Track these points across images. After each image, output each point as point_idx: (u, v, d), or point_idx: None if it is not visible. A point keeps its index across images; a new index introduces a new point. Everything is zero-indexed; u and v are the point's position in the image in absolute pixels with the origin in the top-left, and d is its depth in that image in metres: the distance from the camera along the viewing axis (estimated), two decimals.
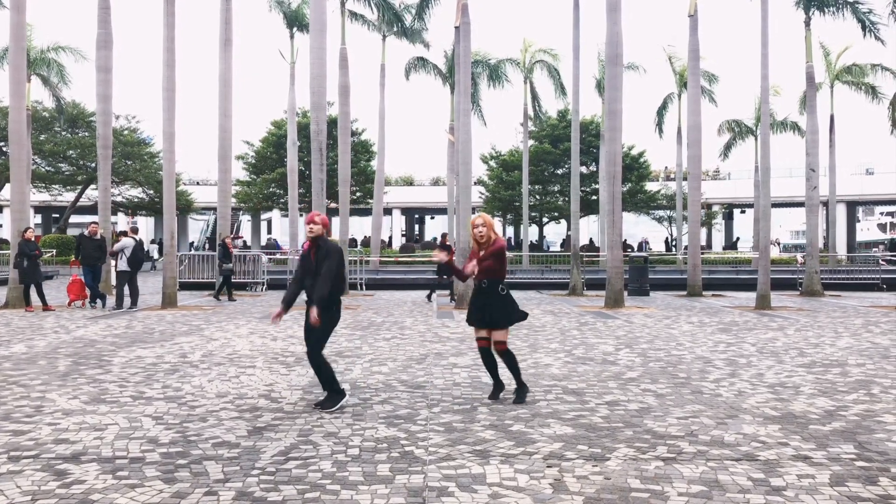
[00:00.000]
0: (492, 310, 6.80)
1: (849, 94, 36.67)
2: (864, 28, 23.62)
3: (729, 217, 61.72)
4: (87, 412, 6.43)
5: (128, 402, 6.87)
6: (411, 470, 4.81)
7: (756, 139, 39.75)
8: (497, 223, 59.43)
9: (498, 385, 7.01)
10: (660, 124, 41.62)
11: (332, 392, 6.57)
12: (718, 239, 61.90)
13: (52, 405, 6.70)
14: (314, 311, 6.29)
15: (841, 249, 43.95)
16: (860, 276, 28.85)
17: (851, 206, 58.27)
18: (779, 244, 45.40)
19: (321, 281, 6.34)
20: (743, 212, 58.10)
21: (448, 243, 21.76)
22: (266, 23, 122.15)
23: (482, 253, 6.84)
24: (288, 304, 6.64)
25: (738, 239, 55.28)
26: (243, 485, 4.52)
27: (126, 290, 17.02)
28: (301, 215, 44.32)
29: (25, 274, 16.21)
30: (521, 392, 6.89)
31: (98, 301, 17.14)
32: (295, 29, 31.21)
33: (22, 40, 18.13)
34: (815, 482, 4.60)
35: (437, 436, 5.66)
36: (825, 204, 39.54)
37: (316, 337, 6.46)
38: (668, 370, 8.69)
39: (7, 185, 23.70)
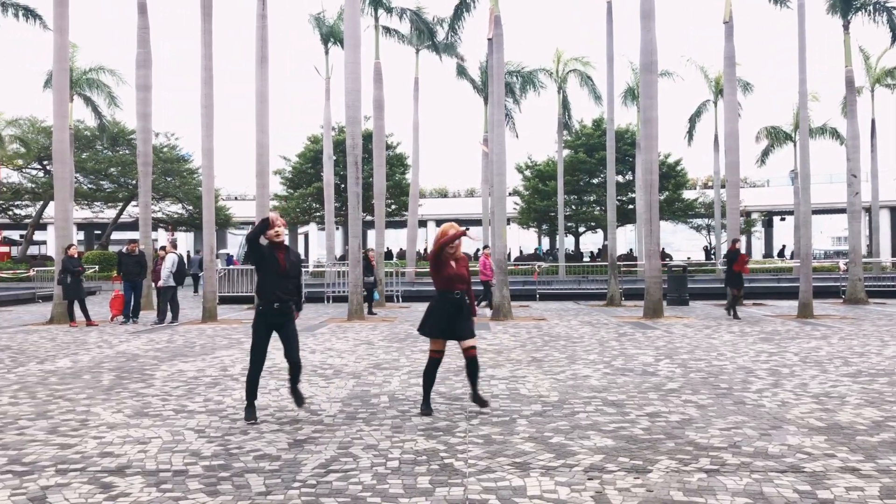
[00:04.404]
0: (467, 320, 6.87)
1: (891, 98, 35.94)
2: (894, 36, 23.15)
3: (768, 225, 60.79)
4: (131, 426, 6.53)
5: (170, 415, 6.96)
6: (451, 482, 4.81)
7: (795, 145, 39.14)
8: (533, 233, 59.28)
9: (428, 405, 6.94)
10: (691, 131, 41.12)
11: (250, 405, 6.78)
12: (758, 247, 60.89)
13: (97, 419, 6.82)
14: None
15: (885, 256, 42.91)
16: None
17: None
18: None
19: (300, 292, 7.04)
20: (783, 219, 57.17)
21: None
22: (301, 39, 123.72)
23: (454, 265, 6.85)
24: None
25: (783, 247, 54.14)
26: (285, 497, 4.55)
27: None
28: (337, 228, 44.73)
29: (69, 290, 16.50)
30: (480, 398, 6.96)
31: (128, 318, 17.04)
32: (330, 44, 31.51)
33: (65, 62, 18.60)
34: (864, 495, 4.50)
35: (476, 448, 5.65)
36: (868, 210, 38.78)
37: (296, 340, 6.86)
38: (710, 381, 8.57)
39: (52, 203, 24.23)
